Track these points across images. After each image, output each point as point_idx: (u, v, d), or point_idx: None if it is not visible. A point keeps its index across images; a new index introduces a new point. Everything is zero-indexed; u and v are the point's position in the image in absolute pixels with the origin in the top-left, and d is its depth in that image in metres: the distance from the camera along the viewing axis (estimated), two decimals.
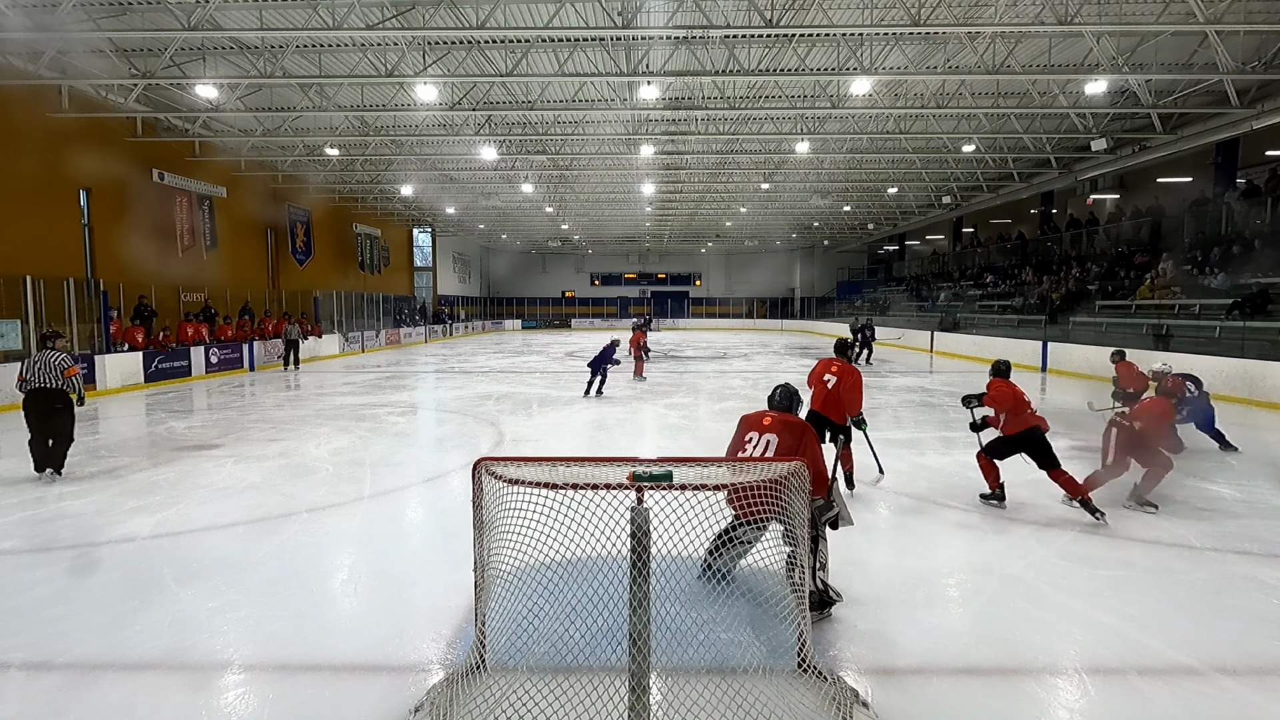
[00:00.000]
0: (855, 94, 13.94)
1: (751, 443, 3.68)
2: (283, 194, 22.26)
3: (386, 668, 3.04)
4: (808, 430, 3.76)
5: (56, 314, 12.43)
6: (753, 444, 3.68)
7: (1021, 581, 3.92)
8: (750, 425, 3.79)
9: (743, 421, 3.86)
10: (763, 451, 3.62)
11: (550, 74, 12.95)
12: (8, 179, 12.66)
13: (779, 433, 3.67)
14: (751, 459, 3.56)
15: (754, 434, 3.71)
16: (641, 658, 2.34)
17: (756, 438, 3.69)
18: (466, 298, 41.03)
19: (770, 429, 3.70)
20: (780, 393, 4.01)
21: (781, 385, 4.08)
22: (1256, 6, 10.36)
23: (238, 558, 4.34)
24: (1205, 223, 15.78)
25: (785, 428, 3.71)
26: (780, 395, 4.00)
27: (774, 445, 3.64)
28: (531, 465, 2.68)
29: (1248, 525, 4.88)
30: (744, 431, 3.78)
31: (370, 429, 8.85)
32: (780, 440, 3.64)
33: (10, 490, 5.99)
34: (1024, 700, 2.80)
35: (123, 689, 2.89)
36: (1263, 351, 10.81)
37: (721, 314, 44.34)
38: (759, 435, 3.69)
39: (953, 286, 26.06)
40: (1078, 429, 8.63)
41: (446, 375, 16.09)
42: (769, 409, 3.95)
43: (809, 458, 3.45)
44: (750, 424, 3.80)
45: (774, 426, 3.71)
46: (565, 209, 29.99)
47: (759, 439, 3.68)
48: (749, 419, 3.83)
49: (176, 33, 10.47)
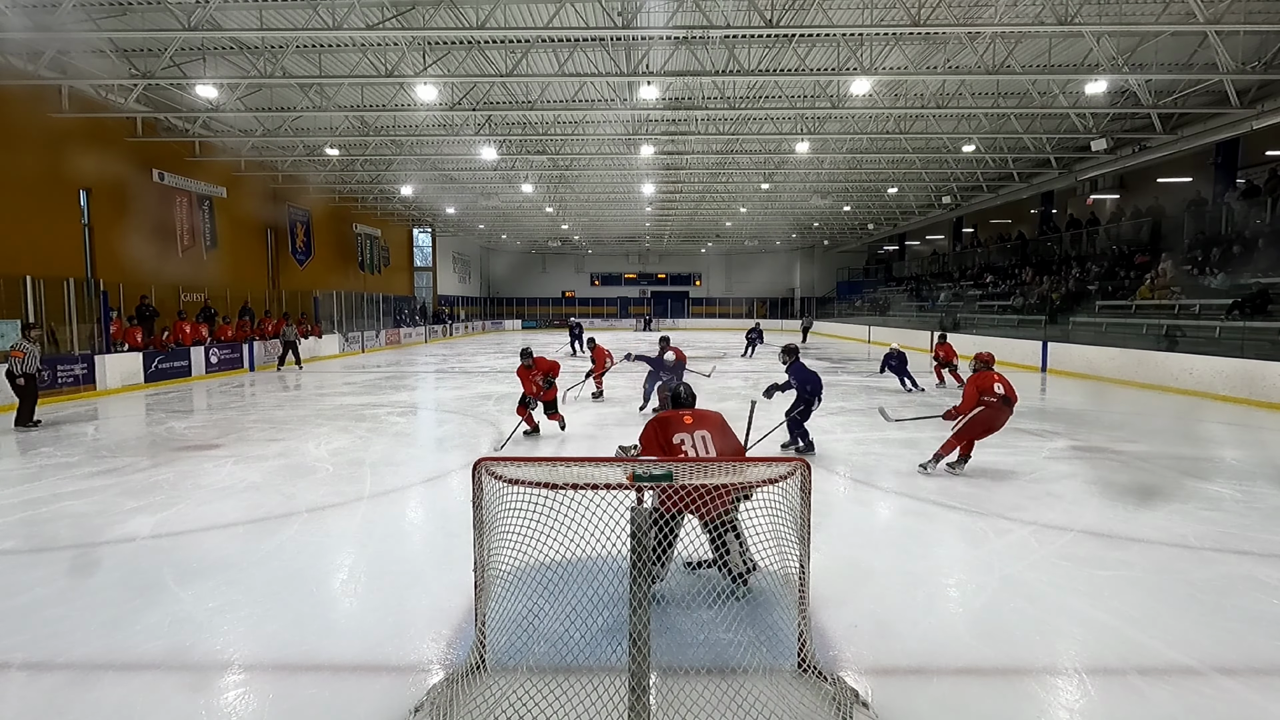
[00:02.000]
0: (855, 94, 13.93)
1: (686, 444, 3.68)
2: (283, 194, 22.26)
3: (386, 668, 3.04)
4: (722, 417, 3.88)
5: (56, 314, 12.44)
6: (688, 445, 3.68)
7: (1021, 581, 3.92)
8: (673, 427, 3.75)
9: (659, 425, 3.78)
10: (704, 447, 3.67)
11: (550, 74, 12.95)
12: (8, 179, 12.66)
13: (708, 428, 3.73)
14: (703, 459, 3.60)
15: (683, 435, 3.70)
16: (641, 658, 2.34)
17: (689, 438, 3.69)
18: (466, 298, 41.04)
19: (696, 426, 3.73)
20: (685, 390, 4.14)
21: (684, 385, 4.21)
22: (1256, 6, 10.36)
23: (238, 558, 4.34)
24: (1205, 223, 15.79)
25: (707, 421, 3.78)
26: (686, 393, 4.12)
27: (710, 441, 3.69)
28: (531, 465, 2.68)
29: (1248, 525, 4.88)
30: (668, 434, 3.73)
31: (370, 429, 8.85)
32: (712, 435, 3.71)
33: (10, 490, 5.99)
34: (1024, 700, 2.80)
35: (123, 689, 2.89)
36: (1263, 351, 10.81)
37: (721, 314, 44.34)
38: (690, 435, 3.70)
39: (953, 286, 26.06)
40: (1078, 429, 8.64)
41: (446, 375, 16.09)
42: (678, 408, 3.99)
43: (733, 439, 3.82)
44: (673, 426, 3.75)
45: (699, 423, 3.75)
46: (565, 209, 29.99)
47: (692, 438, 3.69)
48: (667, 421, 3.78)
49: (176, 33, 10.47)
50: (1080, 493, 5.73)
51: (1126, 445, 7.66)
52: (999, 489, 5.83)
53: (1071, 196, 22.52)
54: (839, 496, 5.80)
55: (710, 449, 3.68)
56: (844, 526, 4.95)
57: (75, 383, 11.93)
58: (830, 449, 7.59)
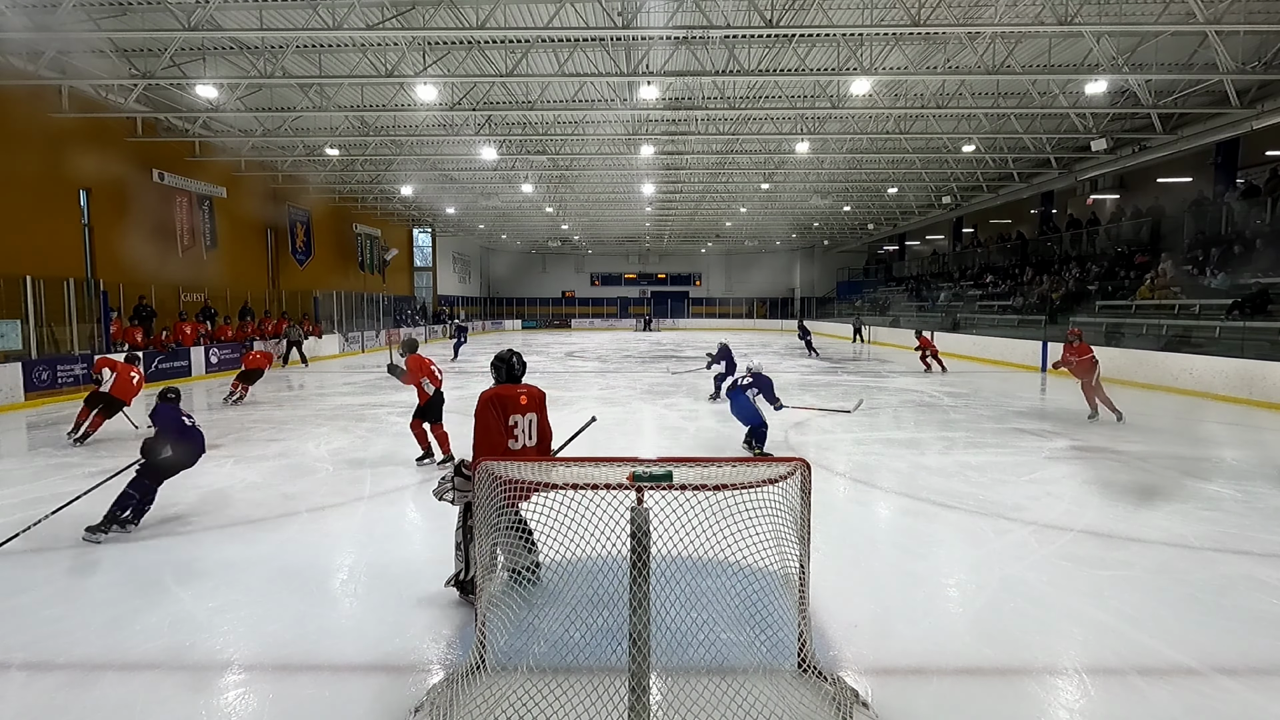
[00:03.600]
0: (855, 94, 13.93)
1: (518, 427, 3.61)
2: (283, 194, 22.25)
3: (386, 668, 3.04)
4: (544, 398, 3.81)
5: (56, 314, 12.43)
6: (520, 428, 3.61)
7: (1021, 581, 3.92)
8: (510, 406, 3.62)
9: (494, 400, 3.61)
10: (529, 432, 3.64)
11: (550, 74, 12.94)
12: (8, 179, 12.66)
13: (534, 409, 3.68)
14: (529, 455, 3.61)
15: (517, 417, 3.61)
16: (641, 658, 2.34)
17: (521, 420, 3.62)
18: (466, 298, 41.03)
19: (529, 408, 3.66)
20: (519, 361, 3.85)
21: (515, 353, 3.86)
22: (1256, 6, 10.36)
23: (238, 558, 4.34)
24: (1205, 223, 15.78)
25: (536, 400, 3.71)
26: (519, 364, 3.84)
27: (534, 424, 3.67)
28: (531, 465, 2.68)
29: (1248, 525, 4.88)
30: (504, 413, 3.60)
31: (370, 429, 8.85)
32: (537, 416, 3.68)
33: (10, 490, 5.99)
34: (1024, 700, 2.80)
35: (123, 689, 2.89)
36: (1263, 351, 10.81)
37: (722, 314, 44.35)
38: (522, 417, 3.62)
39: (953, 286, 26.05)
40: (1078, 429, 8.64)
41: (446, 375, 16.07)
42: (510, 381, 3.79)
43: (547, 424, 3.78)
44: (509, 404, 3.63)
45: (530, 404, 3.67)
46: (565, 209, 29.99)
47: (524, 420, 3.62)
48: (504, 398, 3.63)
49: (176, 33, 10.47)
50: (1080, 493, 5.74)
51: (1126, 445, 7.66)
52: (999, 489, 5.84)
53: (1071, 196, 22.51)
54: (839, 496, 5.80)
55: (534, 435, 3.65)
56: (844, 526, 4.96)
57: (75, 383, 11.92)
58: (830, 449, 7.60)
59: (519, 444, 3.61)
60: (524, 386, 3.75)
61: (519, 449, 3.61)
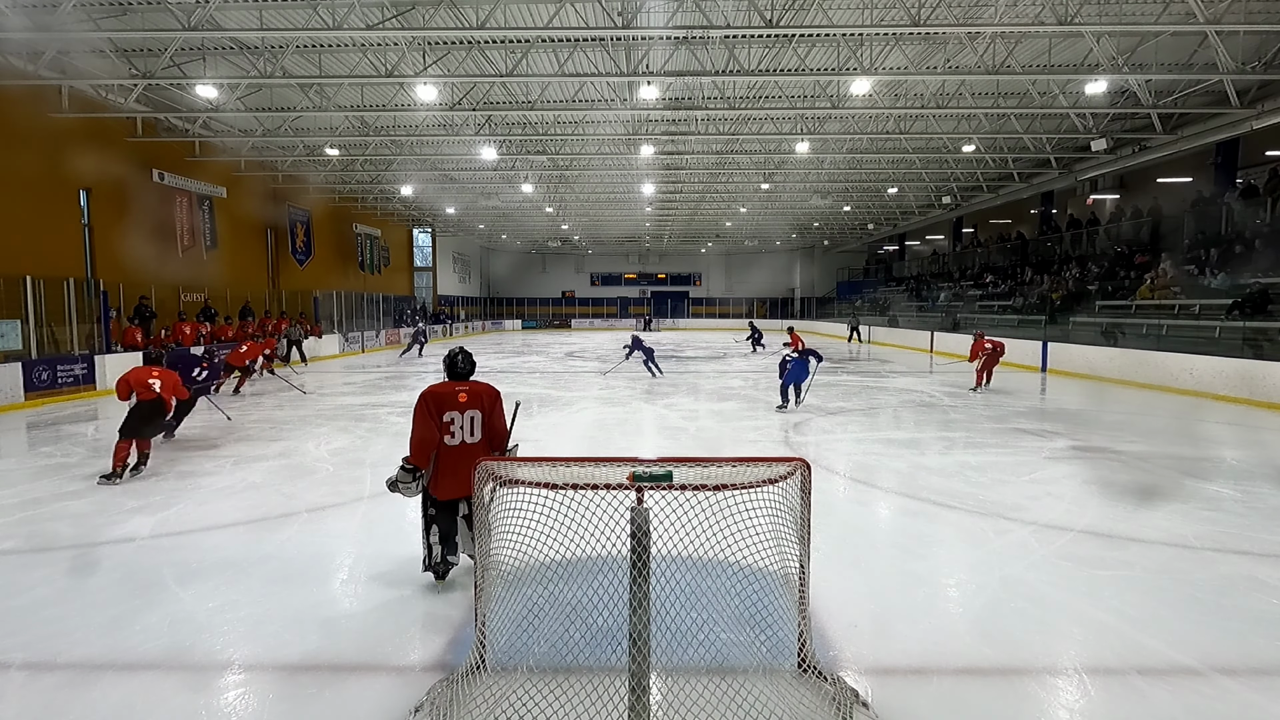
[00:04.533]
0: (855, 94, 13.93)
1: (455, 423, 3.57)
2: (283, 194, 22.26)
3: (386, 668, 3.04)
4: (498, 396, 3.74)
5: (56, 314, 12.44)
6: (457, 424, 3.58)
7: (1021, 581, 3.92)
8: (445, 403, 3.60)
9: (428, 397, 3.60)
10: (471, 430, 3.60)
11: (550, 74, 12.95)
12: (8, 179, 12.66)
13: (478, 406, 3.63)
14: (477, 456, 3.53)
15: (454, 413, 3.58)
16: (641, 658, 2.34)
17: (459, 417, 3.58)
18: (466, 298, 41.04)
19: (469, 405, 3.61)
20: (463, 358, 3.78)
21: (461, 352, 3.81)
22: (1256, 6, 10.36)
23: (238, 558, 4.34)
24: (1205, 223, 15.78)
25: (480, 398, 3.65)
26: (463, 360, 3.77)
27: (479, 421, 3.62)
28: (531, 465, 2.68)
29: (1248, 525, 4.88)
30: (439, 409, 3.58)
31: (370, 429, 8.85)
32: (481, 415, 3.63)
33: (10, 490, 5.99)
34: (1024, 700, 2.80)
35: (123, 689, 2.89)
36: (1263, 351, 10.81)
37: (722, 314, 44.36)
38: (460, 414, 3.58)
39: (953, 286, 26.05)
40: (1078, 429, 8.64)
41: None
42: (453, 379, 3.73)
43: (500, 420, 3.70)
44: (446, 402, 3.60)
45: (472, 401, 3.62)
46: (565, 209, 29.99)
47: (462, 418, 3.58)
48: (440, 395, 3.61)
49: (176, 33, 10.47)
50: (1080, 493, 5.73)
51: (1126, 445, 7.67)
52: (999, 489, 5.84)
53: (1071, 196, 22.51)
54: (839, 496, 5.80)
55: (477, 432, 3.61)
56: (844, 526, 4.95)
57: (75, 383, 11.93)
58: (830, 449, 7.60)
59: (456, 440, 3.60)
60: (465, 384, 3.70)
61: (457, 444, 3.60)
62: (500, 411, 3.74)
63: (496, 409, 3.72)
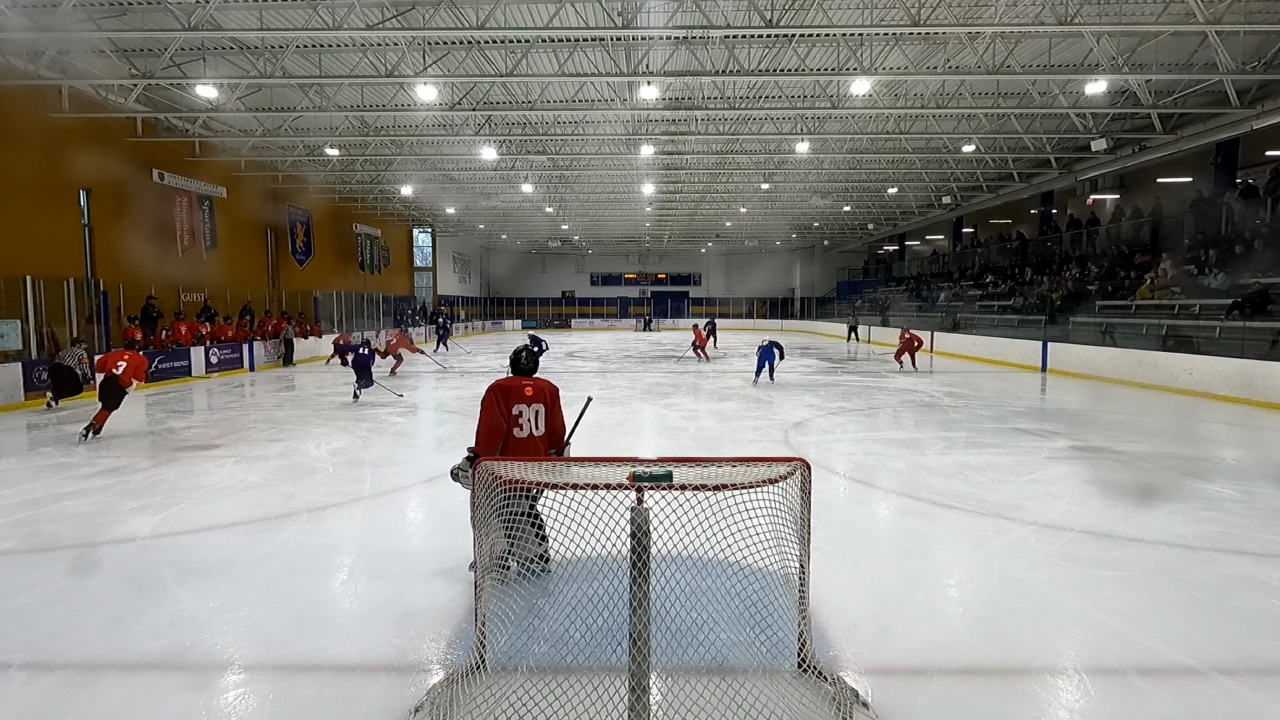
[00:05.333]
0: (855, 94, 13.93)
1: (523, 416, 3.70)
2: (283, 194, 22.26)
3: (386, 668, 3.04)
4: (557, 392, 3.88)
5: (57, 314, 12.44)
6: (525, 417, 3.71)
7: (1021, 581, 3.92)
8: (512, 396, 3.72)
9: (497, 390, 3.72)
10: (535, 422, 3.73)
11: (550, 74, 12.95)
12: (8, 179, 12.66)
13: (541, 400, 3.75)
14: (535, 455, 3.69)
15: (521, 406, 3.70)
16: (641, 658, 2.34)
17: (525, 410, 3.71)
18: (466, 298, 41.04)
19: (535, 399, 3.74)
20: (526, 355, 3.96)
21: (524, 348, 4.01)
22: (1256, 6, 10.36)
23: (238, 558, 4.34)
24: (1205, 223, 15.78)
25: (544, 393, 3.78)
26: (527, 358, 3.95)
27: (542, 415, 3.75)
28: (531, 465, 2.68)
29: (1248, 525, 4.88)
30: (507, 403, 3.70)
31: (370, 429, 8.85)
32: (544, 408, 3.76)
33: (10, 490, 5.99)
34: (1024, 700, 2.80)
35: (123, 689, 2.89)
36: (1263, 351, 10.81)
37: (722, 314, 44.35)
38: (527, 407, 3.71)
39: (953, 287, 26.05)
40: (1078, 429, 8.64)
41: (446, 375, 16.09)
42: (517, 374, 3.88)
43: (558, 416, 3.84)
44: (511, 394, 3.72)
45: (537, 395, 3.75)
46: (565, 209, 29.99)
47: (528, 410, 3.71)
48: (507, 388, 3.73)
49: (176, 33, 10.47)
50: (1080, 493, 5.73)
51: (1126, 445, 7.67)
52: (999, 489, 5.84)
53: (1071, 196, 22.51)
54: (839, 496, 5.80)
55: (540, 425, 3.75)
56: (844, 526, 4.95)
57: None
58: (830, 449, 7.60)
59: (524, 432, 3.71)
60: (530, 380, 3.82)
61: (525, 437, 3.71)
62: (559, 408, 3.86)
63: (556, 405, 3.84)
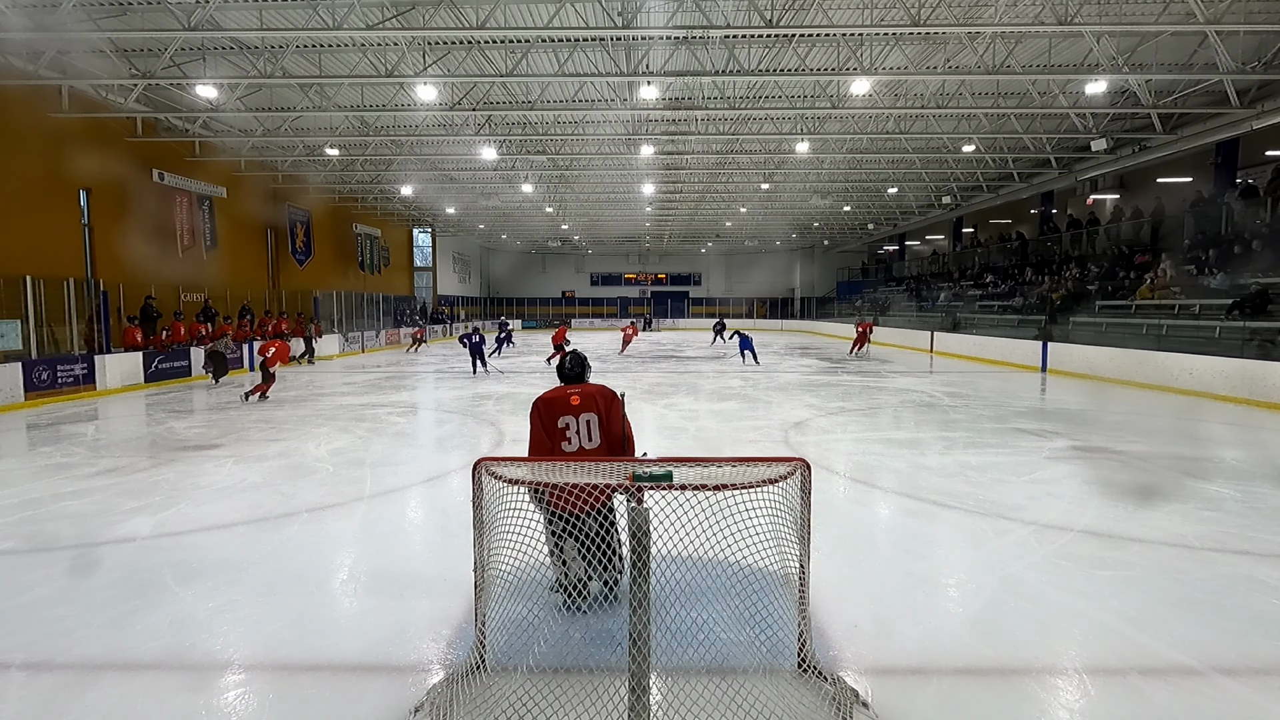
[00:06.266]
0: (855, 94, 13.94)
1: (570, 429, 3.39)
2: (283, 194, 22.26)
3: (386, 668, 3.04)
4: (614, 397, 3.52)
5: (57, 314, 12.44)
6: (573, 430, 3.39)
7: (1021, 581, 3.92)
8: (556, 408, 3.43)
9: (544, 405, 3.46)
10: (588, 435, 3.40)
11: (550, 74, 12.95)
12: (8, 179, 12.66)
13: (593, 409, 3.43)
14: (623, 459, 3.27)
15: (568, 418, 3.40)
16: (641, 658, 2.33)
17: (574, 422, 3.39)
18: (466, 298, 41.04)
19: (584, 408, 3.42)
20: (572, 362, 3.67)
21: (570, 353, 3.73)
22: (1256, 6, 10.36)
23: (238, 558, 4.34)
24: (1205, 223, 15.77)
25: (595, 400, 3.46)
26: (572, 364, 3.65)
27: (595, 425, 3.42)
28: (531, 465, 2.68)
29: (1248, 525, 4.88)
30: (553, 416, 3.42)
31: (370, 429, 8.85)
32: (599, 416, 3.43)
33: (10, 490, 5.99)
34: (1024, 700, 2.80)
35: (123, 689, 2.89)
36: (1263, 351, 10.81)
37: (722, 314, 44.34)
38: (575, 418, 3.40)
39: (953, 287, 26.05)
40: (1078, 429, 8.64)
41: (446, 375, 16.08)
42: (565, 384, 3.61)
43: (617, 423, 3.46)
44: (555, 407, 3.43)
45: (586, 403, 3.43)
46: (565, 209, 30.00)
47: (577, 422, 3.39)
48: (550, 401, 3.45)
49: (176, 33, 10.47)
50: (1080, 493, 5.73)
51: (1126, 445, 7.66)
52: (999, 489, 5.83)
53: (1071, 196, 22.51)
54: (839, 496, 5.80)
55: (594, 435, 3.41)
56: (844, 526, 4.95)
57: (75, 383, 11.93)
58: (830, 449, 7.60)
59: (574, 446, 3.41)
60: (577, 387, 3.53)
61: (574, 451, 3.41)
62: (618, 414, 3.50)
63: (614, 411, 3.49)
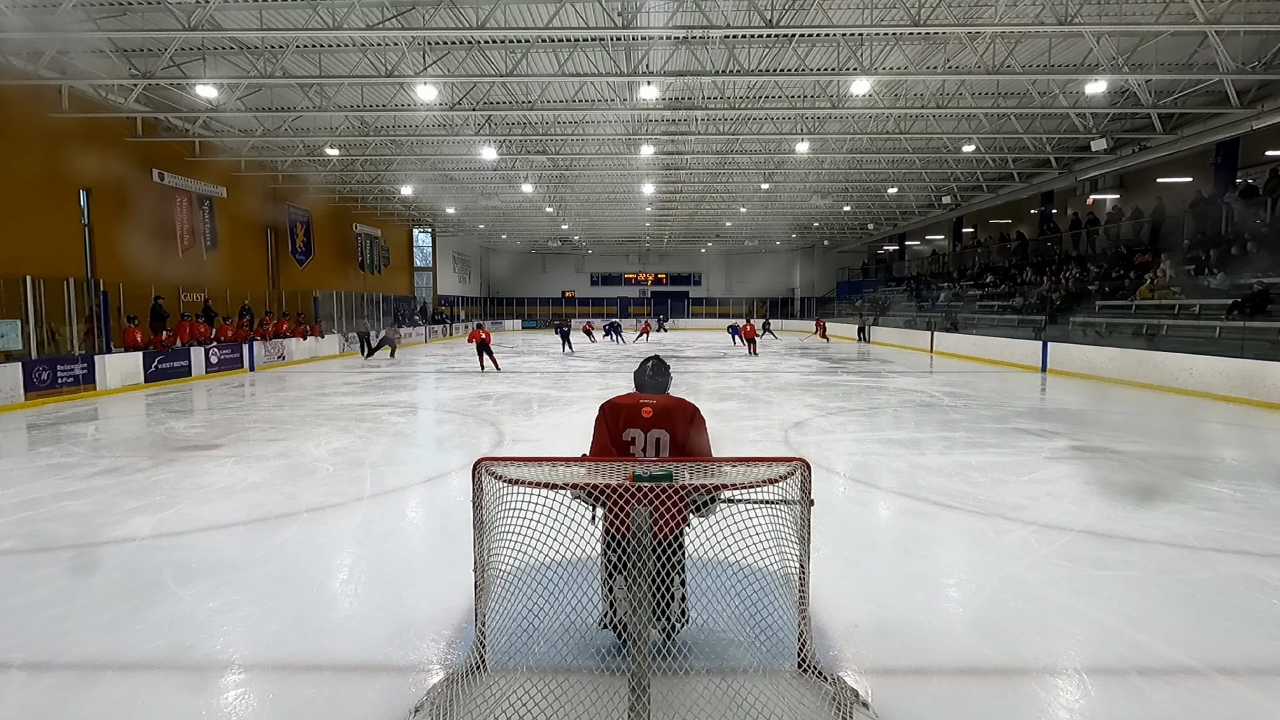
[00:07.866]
0: (855, 94, 13.94)
1: (635, 444, 2.92)
2: (283, 194, 22.26)
3: (386, 668, 3.04)
4: (696, 414, 2.99)
5: (57, 314, 12.44)
6: (638, 445, 2.92)
7: (1021, 581, 3.92)
8: (627, 418, 2.95)
9: (610, 410, 2.99)
10: (656, 453, 2.92)
11: (550, 74, 12.95)
12: (8, 179, 12.66)
13: (666, 425, 2.91)
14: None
15: (635, 431, 2.92)
16: (641, 658, 2.33)
17: (642, 437, 2.92)
18: (466, 298, 41.04)
19: (656, 423, 2.91)
20: (653, 367, 3.16)
21: (652, 359, 3.22)
22: (1256, 6, 10.37)
23: (238, 558, 4.33)
24: (1205, 223, 15.78)
25: (670, 416, 2.93)
26: (653, 370, 3.15)
27: (666, 445, 2.91)
28: (531, 465, 2.67)
29: (1248, 525, 4.88)
30: (619, 426, 2.95)
31: (370, 429, 8.85)
32: (672, 436, 2.91)
33: (10, 490, 5.99)
34: (1024, 700, 2.79)
35: (123, 689, 2.89)
36: (1263, 351, 10.81)
37: (722, 314, 44.36)
38: (644, 433, 2.91)
39: (953, 287, 26.05)
40: (1078, 429, 8.64)
41: (446, 375, 16.09)
42: (640, 391, 3.10)
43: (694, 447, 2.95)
44: (626, 417, 2.95)
45: (659, 419, 2.92)
46: (565, 209, 30.00)
47: (645, 438, 2.91)
48: (622, 408, 2.97)
49: (176, 33, 10.47)
50: (1080, 493, 5.73)
51: (1126, 445, 7.66)
52: (999, 489, 5.83)
53: (1071, 196, 22.50)
54: (839, 496, 5.80)
55: (662, 454, 2.91)
56: (844, 526, 4.95)
57: (75, 383, 11.93)
58: (830, 449, 7.60)
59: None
60: (653, 398, 3.01)
61: None
62: (699, 439, 2.96)
63: (694, 433, 2.94)
